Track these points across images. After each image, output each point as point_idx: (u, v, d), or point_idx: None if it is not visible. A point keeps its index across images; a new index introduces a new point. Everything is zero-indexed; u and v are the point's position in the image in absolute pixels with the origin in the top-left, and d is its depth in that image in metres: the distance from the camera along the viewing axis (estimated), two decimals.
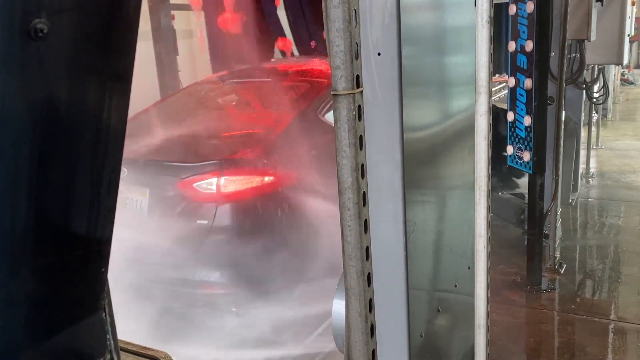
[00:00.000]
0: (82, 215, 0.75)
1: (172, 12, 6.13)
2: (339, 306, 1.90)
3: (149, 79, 6.52)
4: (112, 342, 0.78)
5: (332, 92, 0.98)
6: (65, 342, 0.76)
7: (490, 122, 1.83)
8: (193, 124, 3.82)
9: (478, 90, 1.76)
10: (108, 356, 0.79)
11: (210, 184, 3.11)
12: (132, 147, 3.35)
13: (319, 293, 3.02)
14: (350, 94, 0.96)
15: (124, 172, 3.12)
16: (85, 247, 0.76)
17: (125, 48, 0.74)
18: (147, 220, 3.19)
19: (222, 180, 3.10)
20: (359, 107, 1.00)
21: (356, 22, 0.98)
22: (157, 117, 4.05)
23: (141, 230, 3.17)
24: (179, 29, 6.28)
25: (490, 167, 1.87)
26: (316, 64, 4.40)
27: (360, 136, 1.01)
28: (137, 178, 3.22)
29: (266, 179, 3.21)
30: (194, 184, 3.11)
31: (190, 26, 7.58)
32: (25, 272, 0.69)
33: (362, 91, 1.00)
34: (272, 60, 5.27)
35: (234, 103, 4.12)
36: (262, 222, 3.22)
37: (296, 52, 5.77)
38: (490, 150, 1.86)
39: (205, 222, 3.10)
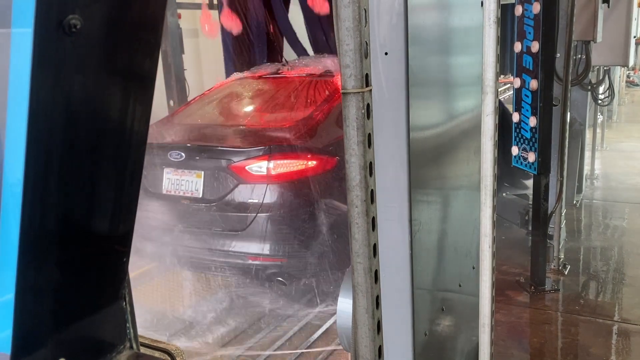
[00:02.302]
0: (106, 207, 0.76)
1: (179, 10, 6.15)
2: (344, 304, 1.91)
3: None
4: (131, 330, 0.80)
5: (342, 91, 0.99)
6: (87, 330, 0.78)
7: (497, 122, 1.84)
8: (242, 114, 4.26)
9: (484, 90, 1.77)
10: (127, 344, 0.80)
11: (261, 167, 3.52)
12: (187, 134, 3.95)
13: None
14: (359, 92, 0.97)
15: (181, 156, 3.67)
16: (108, 238, 0.78)
17: (151, 46, 0.76)
18: (202, 199, 3.65)
19: (272, 163, 3.52)
20: (368, 105, 1.01)
21: (366, 21, 0.99)
22: (208, 107, 4.47)
23: (197, 208, 3.65)
24: (185, 27, 6.30)
25: (496, 167, 1.87)
26: None
27: (369, 134, 1.02)
28: (192, 162, 3.67)
29: (310, 163, 3.62)
30: (246, 167, 3.53)
31: (196, 25, 7.60)
32: (51, 262, 0.71)
33: (371, 90, 1.01)
34: (311, 55, 5.46)
35: (278, 96, 4.47)
36: (307, 200, 3.62)
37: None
38: (497, 150, 1.87)
39: (256, 200, 3.52)
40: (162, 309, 3.91)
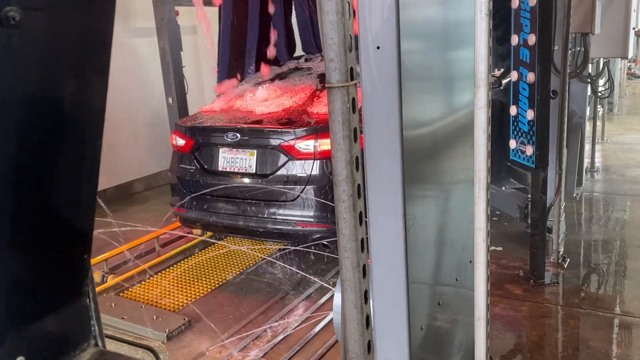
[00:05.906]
0: (63, 202, 0.75)
1: (177, 8, 6.13)
2: (340, 299, 1.91)
3: (153, 75, 6.53)
4: (96, 327, 0.79)
5: (327, 85, 0.99)
6: (49, 327, 0.76)
7: (490, 115, 1.83)
8: (289, 99, 4.72)
9: (477, 83, 1.76)
10: (92, 342, 0.79)
11: (308, 145, 4.05)
12: (241, 118, 4.49)
13: None
14: (344, 86, 0.97)
15: (237, 137, 4.21)
16: (66, 234, 0.77)
17: (102, 36, 0.74)
18: (255, 174, 4.23)
19: (318, 142, 4.02)
20: (353, 99, 1.01)
21: (350, 14, 0.98)
22: (261, 95, 4.95)
23: (251, 182, 4.25)
24: (183, 25, 6.28)
25: (489, 161, 1.87)
26: None
27: (355, 129, 1.02)
28: (246, 142, 4.24)
29: None
30: (295, 145, 4.07)
31: (194, 22, 7.58)
32: (7, 257, 0.69)
33: (356, 84, 1.01)
34: None
35: (319, 84, 4.93)
36: None
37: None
38: (490, 144, 1.86)
39: (304, 174, 4.05)
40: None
